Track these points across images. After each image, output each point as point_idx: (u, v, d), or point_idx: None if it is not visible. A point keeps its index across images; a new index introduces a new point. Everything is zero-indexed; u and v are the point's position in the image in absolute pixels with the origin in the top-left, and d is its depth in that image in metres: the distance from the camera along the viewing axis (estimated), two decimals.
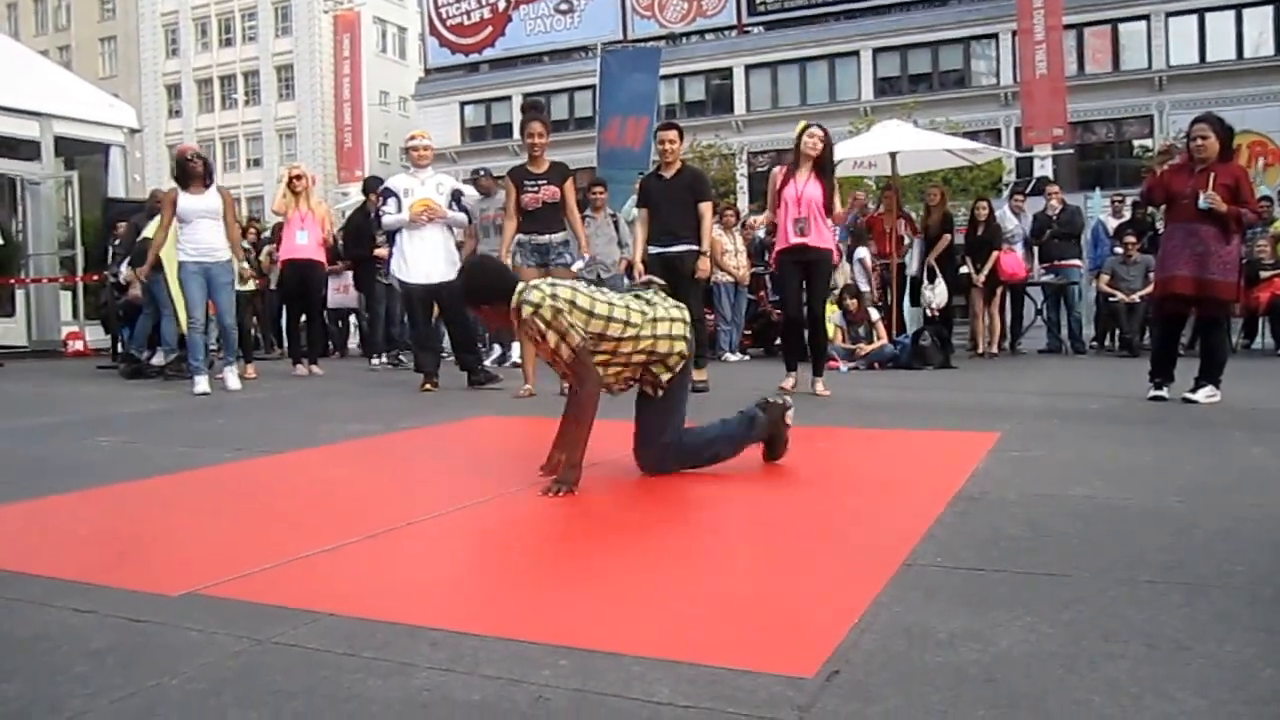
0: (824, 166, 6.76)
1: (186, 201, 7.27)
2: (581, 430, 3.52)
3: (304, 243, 9.08)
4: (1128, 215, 11.89)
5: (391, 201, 7.46)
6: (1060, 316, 11.45)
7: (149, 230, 8.81)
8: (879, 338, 9.59)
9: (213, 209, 7.34)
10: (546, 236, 6.95)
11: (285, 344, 11.15)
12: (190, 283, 7.32)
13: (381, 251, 9.75)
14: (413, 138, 7.80)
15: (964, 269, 10.83)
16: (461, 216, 7.71)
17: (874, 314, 9.72)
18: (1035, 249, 11.60)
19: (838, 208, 6.88)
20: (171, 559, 2.73)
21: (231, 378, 7.41)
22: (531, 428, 3.32)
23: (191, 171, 7.34)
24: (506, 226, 7.05)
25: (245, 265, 7.92)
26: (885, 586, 2.31)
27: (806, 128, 6.83)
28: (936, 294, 10.52)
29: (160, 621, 2.14)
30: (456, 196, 7.62)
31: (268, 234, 12.19)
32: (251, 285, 9.24)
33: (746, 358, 10.95)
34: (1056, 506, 3.21)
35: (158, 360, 9.21)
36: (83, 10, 55.38)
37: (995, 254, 10.65)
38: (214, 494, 3.76)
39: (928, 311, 10.64)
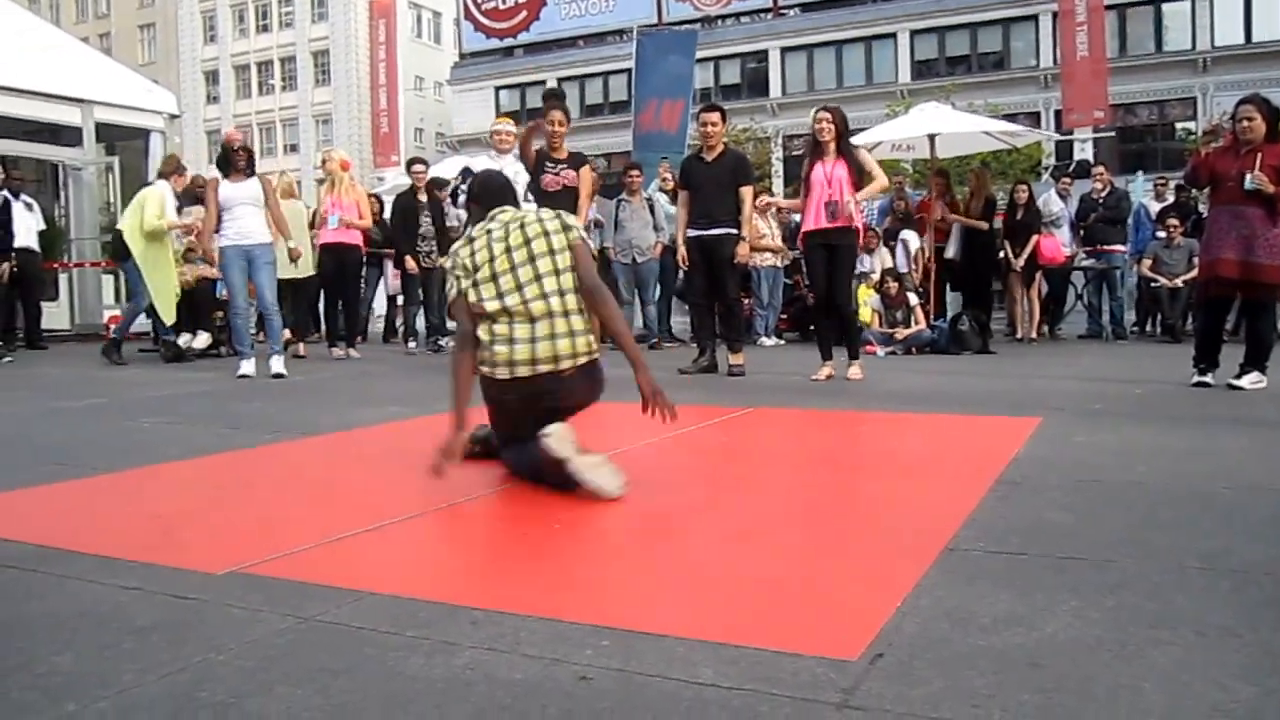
0: (844, 146, 6.69)
1: (228, 189, 7.41)
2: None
3: (334, 227, 9.17)
4: (1171, 199, 11.69)
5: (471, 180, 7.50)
6: (1102, 301, 11.29)
7: (150, 216, 8.69)
8: (917, 322, 9.51)
9: (254, 196, 7.46)
10: None
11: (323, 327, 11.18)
12: (232, 267, 7.41)
13: (412, 266, 9.76)
14: (496, 123, 7.89)
15: (1002, 253, 10.71)
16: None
17: (912, 298, 9.64)
18: (1081, 232, 11.42)
19: (879, 172, 6.76)
20: (214, 538, 2.76)
21: (277, 363, 7.43)
22: None
23: (234, 162, 7.48)
24: None
25: (295, 245, 7.93)
26: (928, 570, 2.30)
27: (816, 113, 6.78)
28: (950, 248, 10.53)
29: (205, 599, 2.17)
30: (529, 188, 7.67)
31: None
32: (301, 269, 9.23)
33: (782, 342, 10.91)
34: (1100, 492, 3.17)
35: (199, 344, 9.32)
36: None
37: (1034, 238, 10.51)
38: (254, 475, 3.81)
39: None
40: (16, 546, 2.63)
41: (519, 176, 7.52)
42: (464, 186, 7.62)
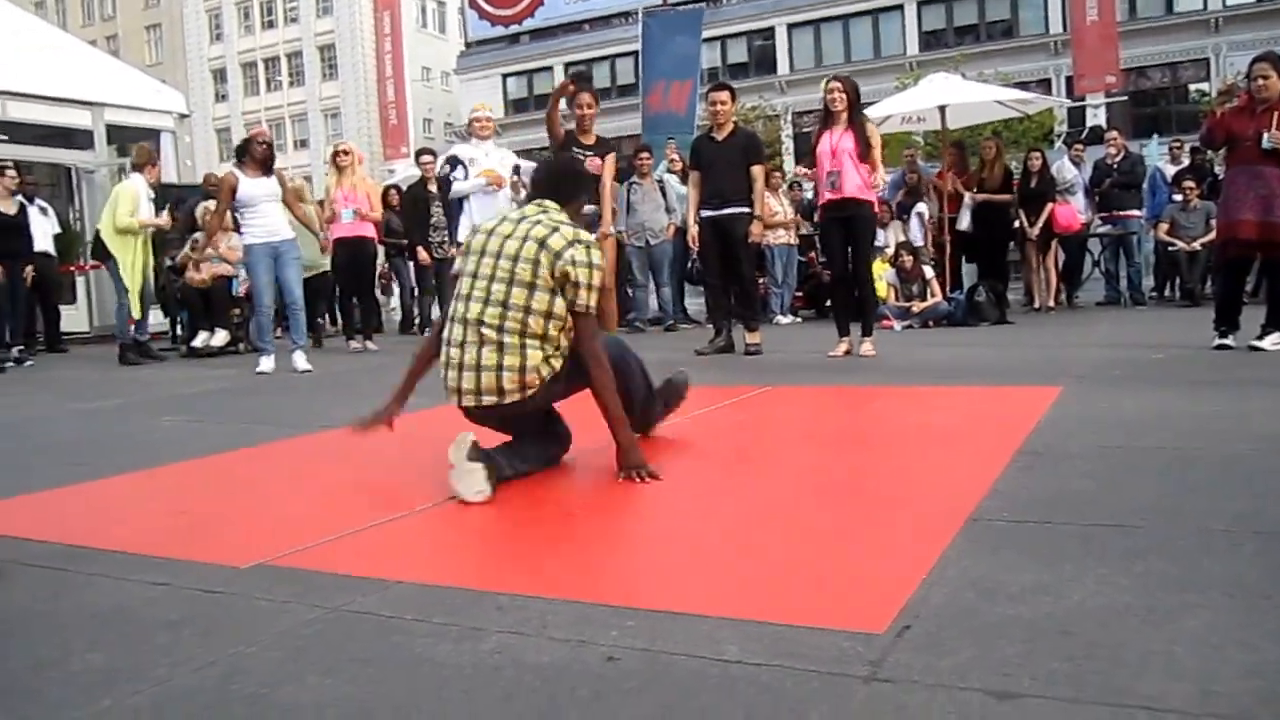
0: (855, 116, 6.64)
1: (249, 186, 7.27)
2: (618, 401, 3.16)
3: (347, 220, 9.16)
4: (1186, 161, 11.57)
5: (460, 169, 7.49)
6: (1119, 267, 11.21)
7: (122, 214, 8.71)
8: (933, 295, 9.46)
9: (274, 192, 7.36)
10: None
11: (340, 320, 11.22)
12: (258, 265, 7.35)
13: (424, 257, 9.93)
14: (475, 110, 7.87)
15: (1017, 222, 10.63)
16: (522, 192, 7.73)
17: (928, 271, 9.58)
18: (1096, 198, 11.32)
19: (876, 155, 6.68)
20: (239, 532, 2.78)
21: (300, 359, 7.44)
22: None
23: (253, 152, 7.33)
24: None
25: (324, 236, 7.98)
26: (952, 541, 2.29)
27: (828, 83, 6.73)
28: (962, 220, 10.46)
29: (233, 592, 2.18)
30: (516, 171, 7.66)
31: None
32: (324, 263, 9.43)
33: (799, 320, 10.88)
34: (1123, 459, 3.15)
35: (217, 341, 9.36)
36: None
37: (1049, 206, 10.43)
38: (275, 469, 3.84)
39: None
40: (45, 546, 2.65)
41: (505, 162, 7.52)
42: (454, 175, 7.62)
